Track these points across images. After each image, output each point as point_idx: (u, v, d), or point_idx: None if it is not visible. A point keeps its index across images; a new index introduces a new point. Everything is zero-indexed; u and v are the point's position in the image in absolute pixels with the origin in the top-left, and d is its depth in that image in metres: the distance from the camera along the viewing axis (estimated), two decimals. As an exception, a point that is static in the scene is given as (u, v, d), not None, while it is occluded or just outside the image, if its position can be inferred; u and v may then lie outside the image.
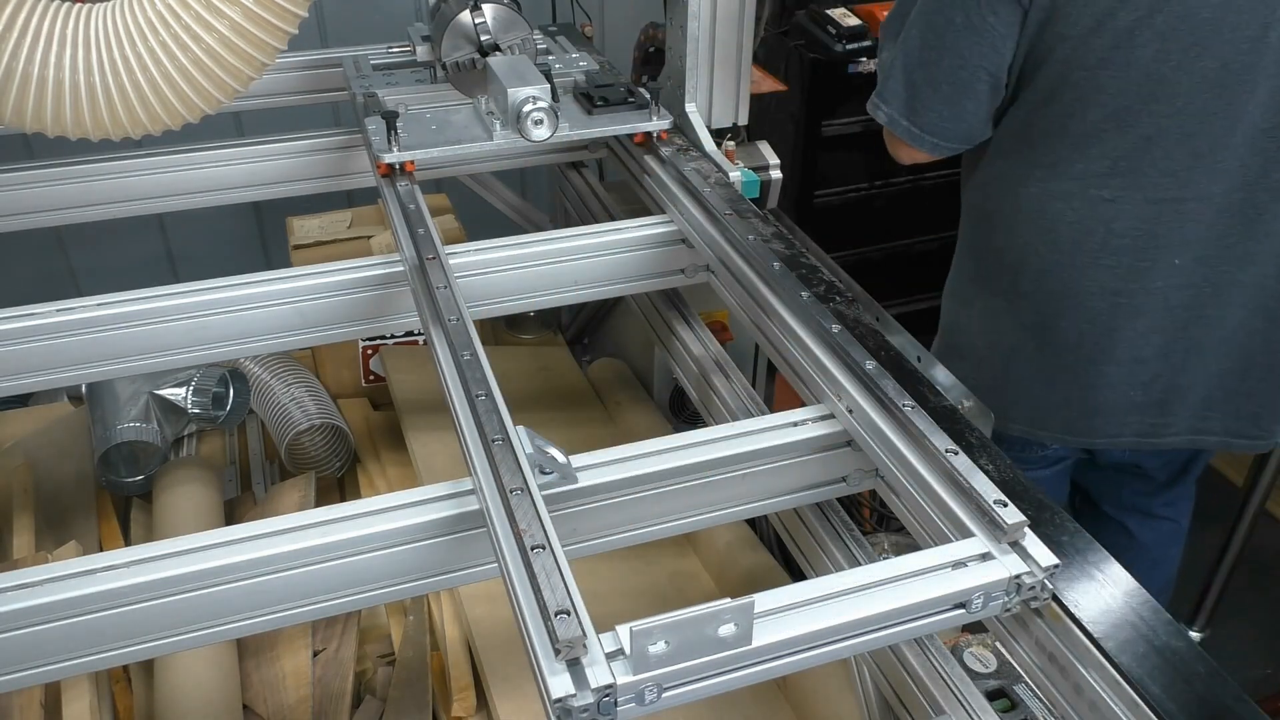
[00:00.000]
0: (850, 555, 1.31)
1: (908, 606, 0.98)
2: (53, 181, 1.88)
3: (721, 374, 1.62)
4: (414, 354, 2.31)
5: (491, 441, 1.10)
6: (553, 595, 0.90)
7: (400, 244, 1.53)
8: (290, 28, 1.38)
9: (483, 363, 1.22)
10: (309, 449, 2.14)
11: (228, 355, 1.59)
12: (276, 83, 2.08)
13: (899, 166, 2.72)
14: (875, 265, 2.95)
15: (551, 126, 1.63)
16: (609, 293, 1.72)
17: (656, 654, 0.86)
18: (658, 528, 1.22)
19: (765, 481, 1.23)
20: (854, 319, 1.36)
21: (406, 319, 1.62)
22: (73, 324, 1.49)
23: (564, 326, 2.58)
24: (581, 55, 2.01)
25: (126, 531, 2.05)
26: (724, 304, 1.64)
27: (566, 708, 0.84)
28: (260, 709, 1.65)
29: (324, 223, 2.45)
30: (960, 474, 1.10)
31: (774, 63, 2.66)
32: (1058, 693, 1.03)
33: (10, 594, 1.05)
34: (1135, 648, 0.97)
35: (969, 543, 1.05)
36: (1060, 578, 1.03)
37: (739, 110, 1.92)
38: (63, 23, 1.32)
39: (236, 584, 1.10)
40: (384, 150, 1.65)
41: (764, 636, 0.91)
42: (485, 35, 1.76)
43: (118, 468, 2.10)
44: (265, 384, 2.23)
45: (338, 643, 1.72)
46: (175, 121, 1.41)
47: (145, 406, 2.15)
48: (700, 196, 1.62)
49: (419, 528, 1.14)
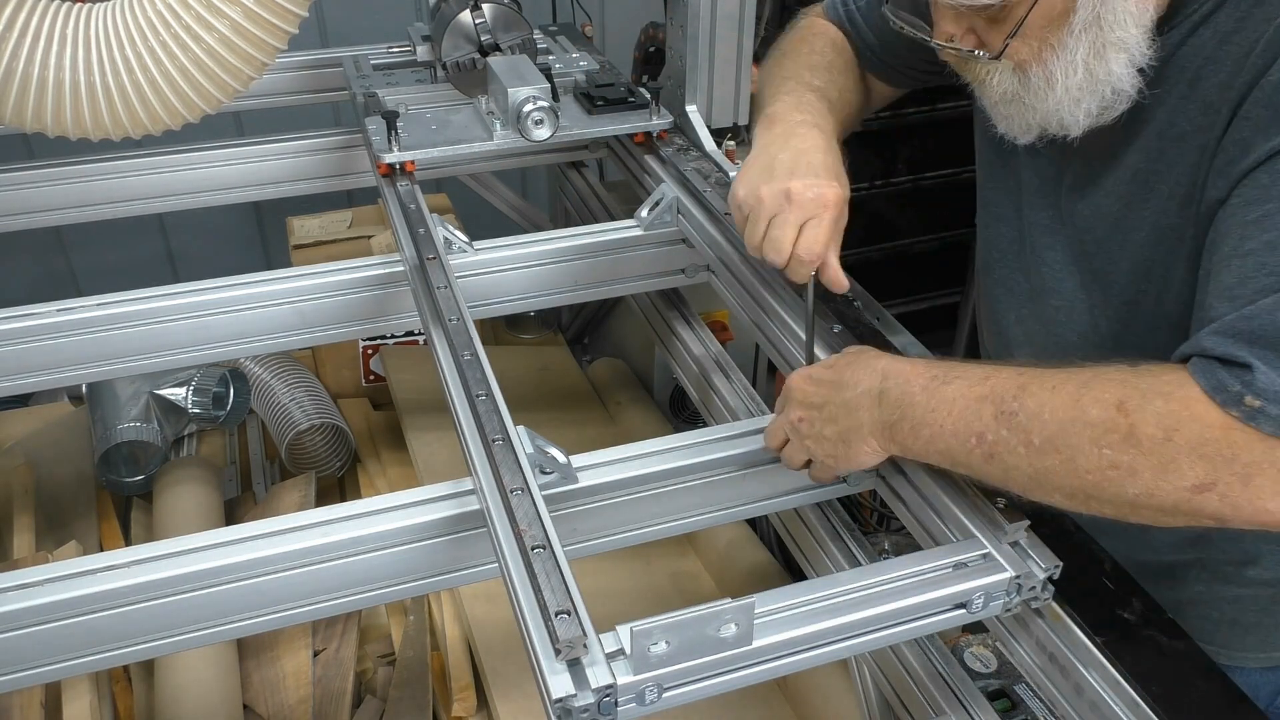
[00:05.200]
0: (850, 555, 1.31)
1: (908, 607, 0.98)
2: (53, 181, 1.88)
3: (721, 374, 1.62)
4: (414, 354, 2.31)
5: (492, 441, 1.10)
6: (553, 595, 0.90)
7: (400, 244, 1.53)
8: (290, 27, 1.38)
9: (483, 363, 1.22)
10: (309, 449, 2.14)
11: (228, 355, 1.59)
12: (276, 83, 2.08)
13: (899, 166, 2.69)
14: (875, 265, 2.95)
15: (551, 126, 1.63)
16: (609, 293, 1.72)
17: (657, 654, 0.86)
18: (658, 528, 1.22)
19: (765, 481, 1.23)
20: (854, 319, 1.36)
21: (406, 319, 1.62)
22: (73, 324, 1.49)
23: (564, 326, 2.58)
24: (581, 55, 2.01)
25: (127, 531, 2.05)
26: (724, 304, 1.64)
27: (567, 708, 0.84)
28: (260, 709, 1.65)
29: (324, 223, 2.45)
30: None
31: (774, 63, 2.66)
32: (1058, 693, 1.03)
33: (10, 594, 1.05)
34: (1135, 648, 0.97)
35: (969, 543, 1.05)
36: (1060, 577, 1.03)
37: (739, 110, 1.92)
38: (63, 23, 1.32)
39: (236, 584, 1.10)
40: (384, 150, 1.65)
41: (764, 637, 0.91)
42: (485, 35, 1.76)
43: (118, 468, 2.10)
44: (265, 384, 2.23)
45: (338, 643, 1.72)
46: (175, 121, 1.41)
47: (145, 406, 2.15)
48: (701, 196, 1.62)
49: (419, 528, 1.14)
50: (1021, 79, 1.08)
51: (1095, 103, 1.06)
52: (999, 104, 1.12)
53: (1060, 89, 1.06)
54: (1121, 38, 1.02)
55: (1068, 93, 1.06)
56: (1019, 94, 1.09)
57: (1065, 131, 1.10)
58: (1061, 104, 1.07)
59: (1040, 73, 1.06)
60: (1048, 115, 1.09)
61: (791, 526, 1.42)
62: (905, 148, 1.62)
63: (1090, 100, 1.06)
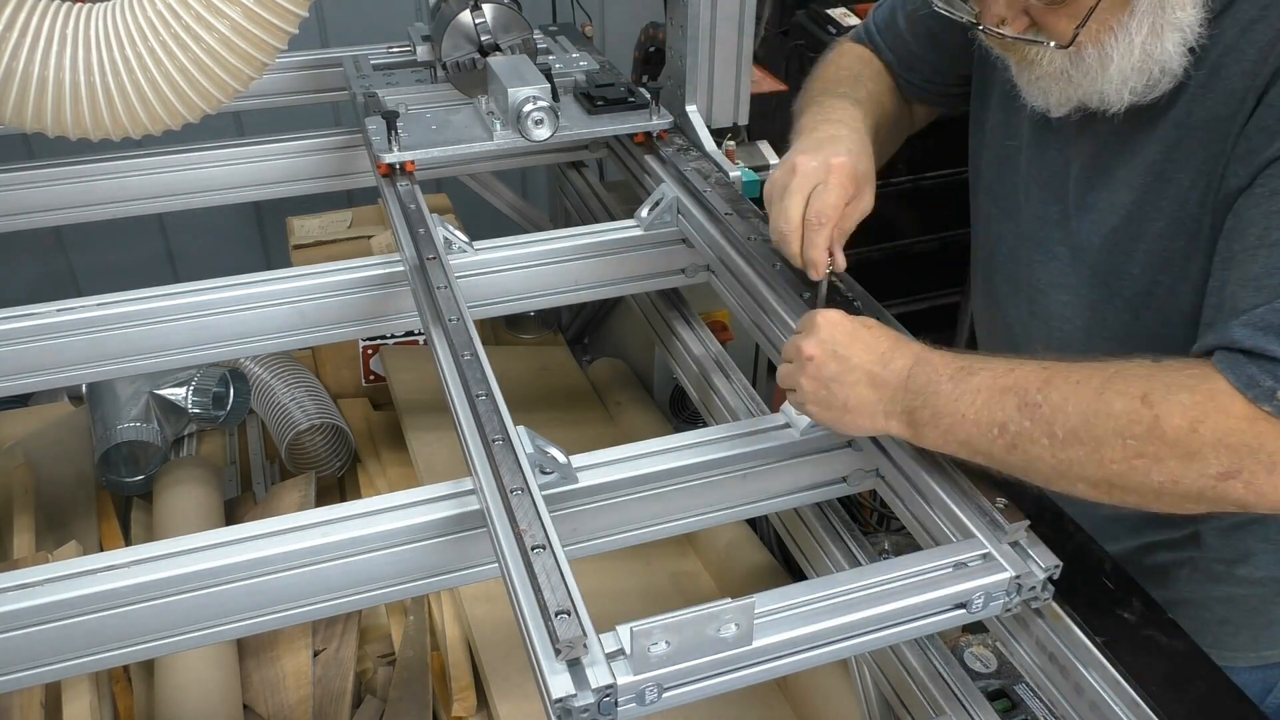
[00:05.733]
0: (850, 555, 1.31)
1: (908, 607, 0.98)
2: (53, 181, 1.88)
3: (721, 374, 1.62)
4: (414, 354, 2.31)
5: (492, 441, 1.10)
6: (553, 595, 0.90)
7: (400, 244, 1.53)
8: (290, 27, 1.38)
9: (483, 363, 1.22)
10: (309, 449, 2.14)
11: (228, 355, 1.59)
12: (276, 83, 2.08)
13: (899, 166, 2.70)
14: (875, 265, 2.95)
15: (551, 126, 1.63)
16: (609, 293, 1.72)
17: (657, 654, 0.86)
18: (658, 528, 1.22)
19: (765, 481, 1.23)
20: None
21: (406, 319, 1.62)
22: (73, 324, 1.49)
23: (564, 326, 2.58)
24: (581, 55, 2.01)
25: (127, 531, 2.05)
26: (724, 304, 1.63)
27: (567, 708, 0.84)
28: (260, 709, 1.65)
29: (324, 223, 2.45)
30: (961, 474, 1.10)
31: (774, 63, 2.65)
32: (1058, 693, 1.03)
33: (10, 594, 1.05)
34: (1135, 648, 0.97)
35: (969, 543, 1.05)
36: (1060, 577, 1.03)
37: (739, 110, 1.92)
38: (63, 23, 1.32)
39: (236, 584, 1.10)
40: (384, 150, 1.65)
41: (764, 637, 0.91)
42: (485, 35, 1.76)
43: (118, 468, 2.10)
44: (265, 384, 2.23)
45: (338, 643, 1.72)
46: (175, 121, 1.41)
47: (145, 406, 2.14)
48: (701, 196, 1.62)
49: (419, 528, 1.14)
50: (1074, 59, 1.07)
51: (1142, 82, 1.06)
52: (1042, 79, 1.11)
53: (1114, 69, 1.05)
54: (1180, 18, 1.02)
55: (1120, 73, 1.06)
56: (1068, 72, 1.09)
57: (1105, 107, 1.10)
58: (1112, 82, 1.07)
59: (1095, 53, 1.06)
60: (1091, 92, 1.09)
61: (791, 526, 1.42)
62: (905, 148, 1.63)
63: (1138, 79, 1.06)
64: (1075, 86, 1.09)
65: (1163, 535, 1.29)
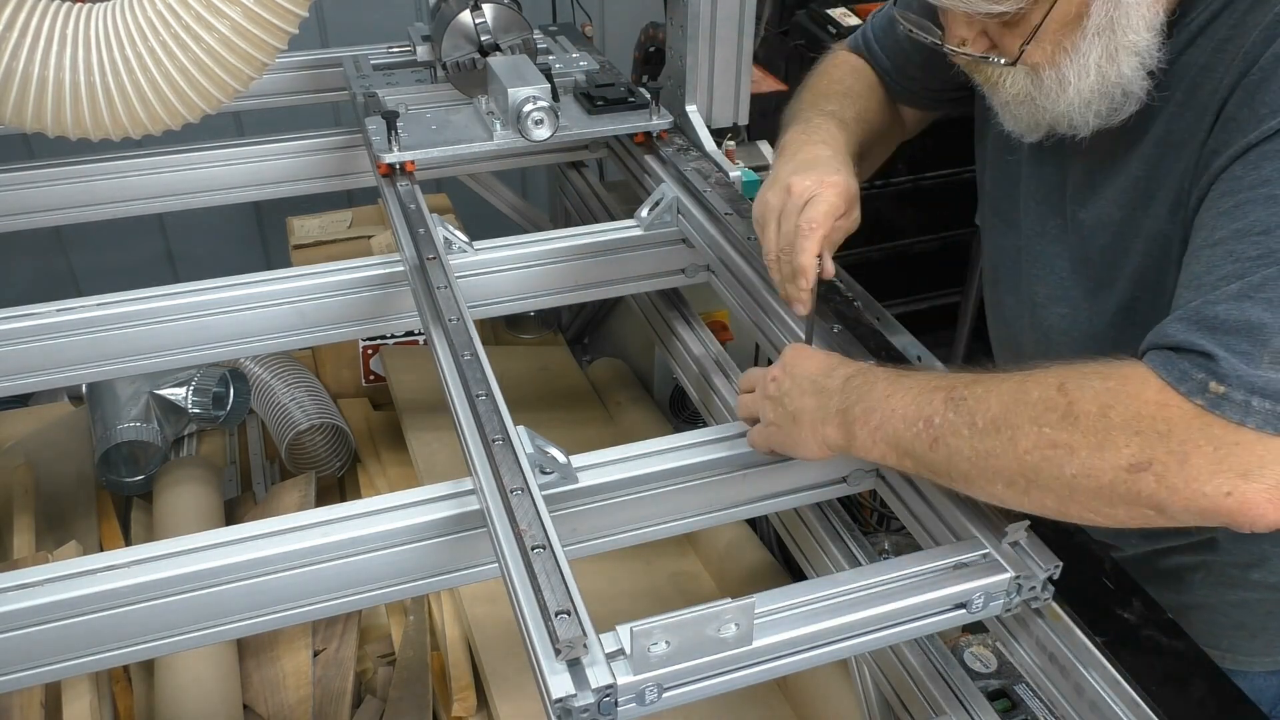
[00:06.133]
0: (850, 555, 1.31)
1: (908, 607, 0.98)
2: (53, 181, 1.88)
3: (721, 374, 1.62)
4: (414, 354, 2.31)
5: (492, 441, 1.10)
6: (553, 595, 0.90)
7: (400, 244, 1.53)
8: (290, 27, 1.38)
9: (483, 363, 1.22)
10: (309, 449, 2.14)
11: (228, 355, 1.59)
12: (276, 83, 2.08)
13: (899, 166, 2.70)
14: (875, 265, 2.95)
15: (551, 126, 1.63)
16: (609, 293, 1.72)
17: (657, 654, 0.86)
18: (658, 528, 1.22)
19: (765, 481, 1.23)
20: (854, 319, 1.36)
21: (406, 319, 1.62)
22: (73, 324, 1.49)
23: (564, 326, 2.58)
24: (581, 55, 2.01)
25: (127, 531, 2.05)
26: (724, 304, 1.63)
27: (567, 708, 0.84)
28: (260, 709, 1.65)
29: (324, 223, 2.45)
30: (960, 474, 1.10)
31: (774, 63, 2.65)
32: (1058, 693, 1.03)
33: (10, 594, 1.05)
34: (1135, 648, 0.97)
35: (969, 543, 1.05)
36: (1060, 577, 1.03)
37: (739, 110, 1.92)
38: (63, 23, 1.32)
39: (236, 584, 1.10)
40: (384, 150, 1.65)
41: (764, 637, 0.91)
42: (485, 35, 1.76)
43: (118, 468, 2.10)
44: (265, 384, 2.23)
45: (338, 643, 1.72)
46: (175, 121, 1.41)
47: (145, 406, 2.14)
48: (701, 196, 1.62)
49: (419, 528, 1.14)
50: (1035, 81, 1.08)
51: (1105, 105, 1.07)
52: (1010, 104, 1.13)
53: (1073, 91, 1.06)
54: (1134, 41, 1.02)
55: (1080, 95, 1.06)
56: (1032, 95, 1.10)
57: (1074, 132, 1.11)
58: (1073, 105, 1.07)
59: (1053, 75, 1.06)
60: (1058, 116, 1.10)
61: (791, 526, 1.42)
62: (905, 147, 1.63)
63: (1100, 102, 1.07)
64: (1041, 110, 1.10)
65: (1178, 540, 1.29)
